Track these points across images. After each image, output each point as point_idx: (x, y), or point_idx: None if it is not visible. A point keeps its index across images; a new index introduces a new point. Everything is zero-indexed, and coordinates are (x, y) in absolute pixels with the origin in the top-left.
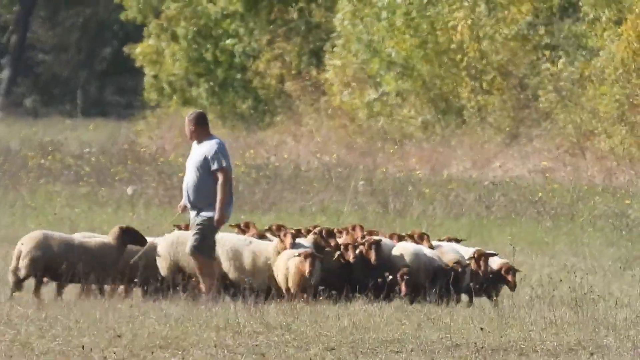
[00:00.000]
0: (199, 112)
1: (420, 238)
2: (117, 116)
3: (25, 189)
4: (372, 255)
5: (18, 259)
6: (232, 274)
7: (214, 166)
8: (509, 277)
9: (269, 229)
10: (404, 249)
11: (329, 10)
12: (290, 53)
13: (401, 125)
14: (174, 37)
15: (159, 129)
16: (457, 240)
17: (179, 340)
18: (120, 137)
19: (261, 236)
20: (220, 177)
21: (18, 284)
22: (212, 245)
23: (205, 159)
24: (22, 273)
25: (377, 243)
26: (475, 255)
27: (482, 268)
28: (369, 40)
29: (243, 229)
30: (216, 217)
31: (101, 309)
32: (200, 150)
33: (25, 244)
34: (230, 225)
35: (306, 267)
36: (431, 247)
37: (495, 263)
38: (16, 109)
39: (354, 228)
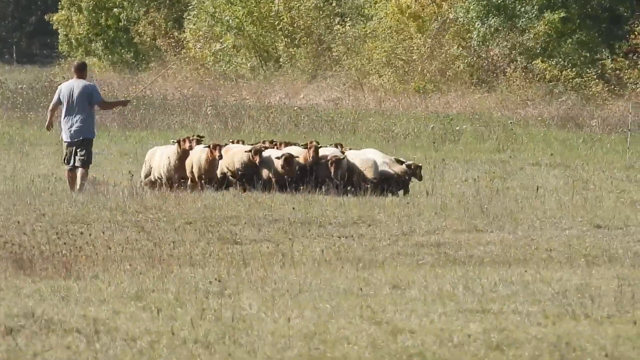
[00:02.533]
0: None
1: (337, 146)
2: (41, 64)
3: None
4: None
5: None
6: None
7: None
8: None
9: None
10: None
11: None
12: (160, 19)
13: (236, 69)
14: (79, 9)
15: (69, 71)
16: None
17: (84, 217)
18: (43, 78)
19: None
20: None
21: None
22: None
23: None
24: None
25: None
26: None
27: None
28: (214, 11)
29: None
30: None
31: (30, 195)
32: None
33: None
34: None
35: (216, 155)
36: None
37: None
38: None
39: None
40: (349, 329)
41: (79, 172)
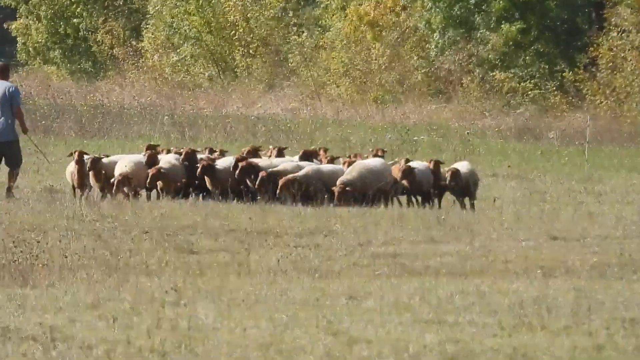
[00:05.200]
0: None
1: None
2: None
3: None
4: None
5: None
6: None
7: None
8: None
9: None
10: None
11: None
12: (118, 29)
13: (194, 79)
14: (38, 17)
15: (27, 79)
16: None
17: (41, 226)
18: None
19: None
20: None
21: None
22: None
23: None
24: None
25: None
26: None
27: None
28: (172, 20)
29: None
30: None
31: None
32: None
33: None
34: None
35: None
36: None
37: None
38: None
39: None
40: (305, 339)
41: (8, 173)
